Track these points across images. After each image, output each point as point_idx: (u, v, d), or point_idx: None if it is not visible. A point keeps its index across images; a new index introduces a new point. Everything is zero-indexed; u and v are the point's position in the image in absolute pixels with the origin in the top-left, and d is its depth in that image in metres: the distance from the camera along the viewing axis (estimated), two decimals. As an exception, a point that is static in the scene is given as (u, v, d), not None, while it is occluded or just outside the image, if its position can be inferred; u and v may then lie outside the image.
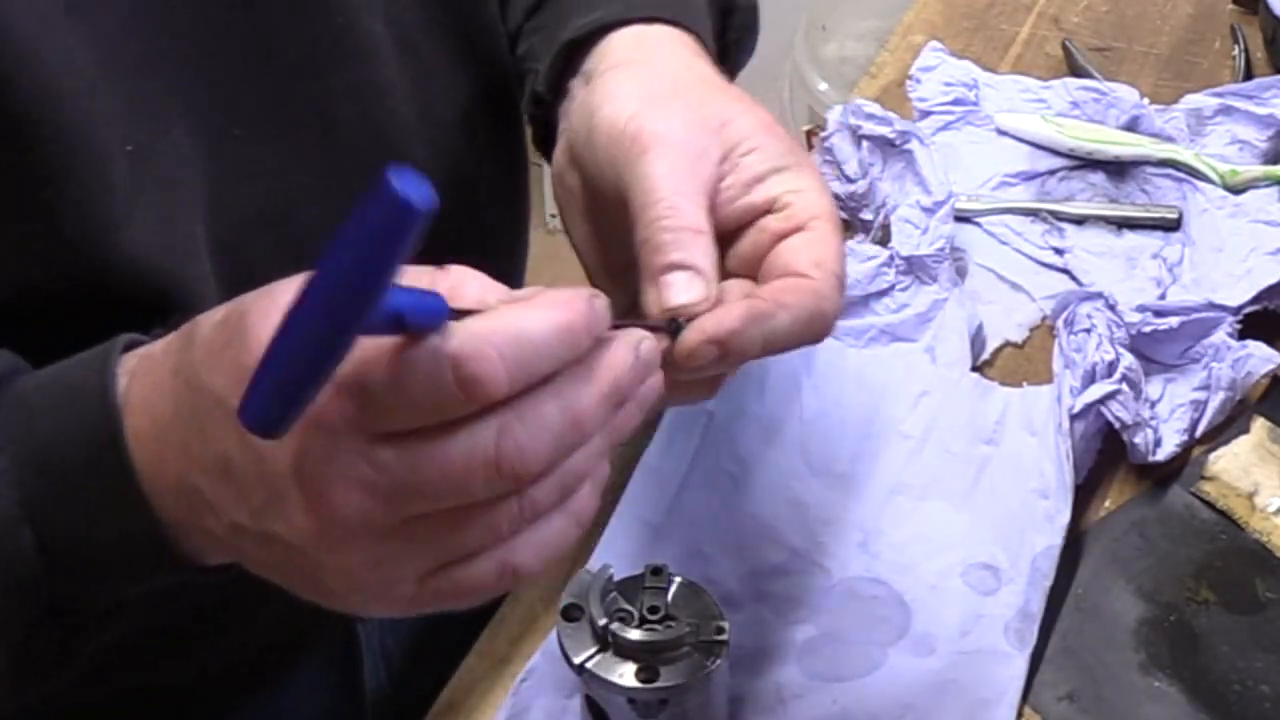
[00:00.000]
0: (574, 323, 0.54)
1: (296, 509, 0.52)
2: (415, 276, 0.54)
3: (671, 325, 0.61)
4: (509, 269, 0.86)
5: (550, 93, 0.75)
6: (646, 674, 0.70)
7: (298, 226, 0.70)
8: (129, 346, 0.59)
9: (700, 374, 0.65)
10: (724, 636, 0.71)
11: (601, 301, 0.55)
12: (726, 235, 0.68)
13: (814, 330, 0.66)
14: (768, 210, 0.68)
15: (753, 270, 0.68)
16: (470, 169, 0.77)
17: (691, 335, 0.63)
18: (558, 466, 0.54)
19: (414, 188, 0.47)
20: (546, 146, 0.77)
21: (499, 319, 0.52)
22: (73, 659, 0.61)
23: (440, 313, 0.52)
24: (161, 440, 0.56)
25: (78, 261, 0.64)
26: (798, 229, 0.67)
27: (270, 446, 0.51)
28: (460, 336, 0.51)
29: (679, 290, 0.64)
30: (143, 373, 0.57)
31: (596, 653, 0.70)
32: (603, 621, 0.70)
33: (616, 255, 0.70)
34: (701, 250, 0.65)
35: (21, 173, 0.61)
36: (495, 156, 0.79)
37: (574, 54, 0.74)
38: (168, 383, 0.56)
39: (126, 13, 0.63)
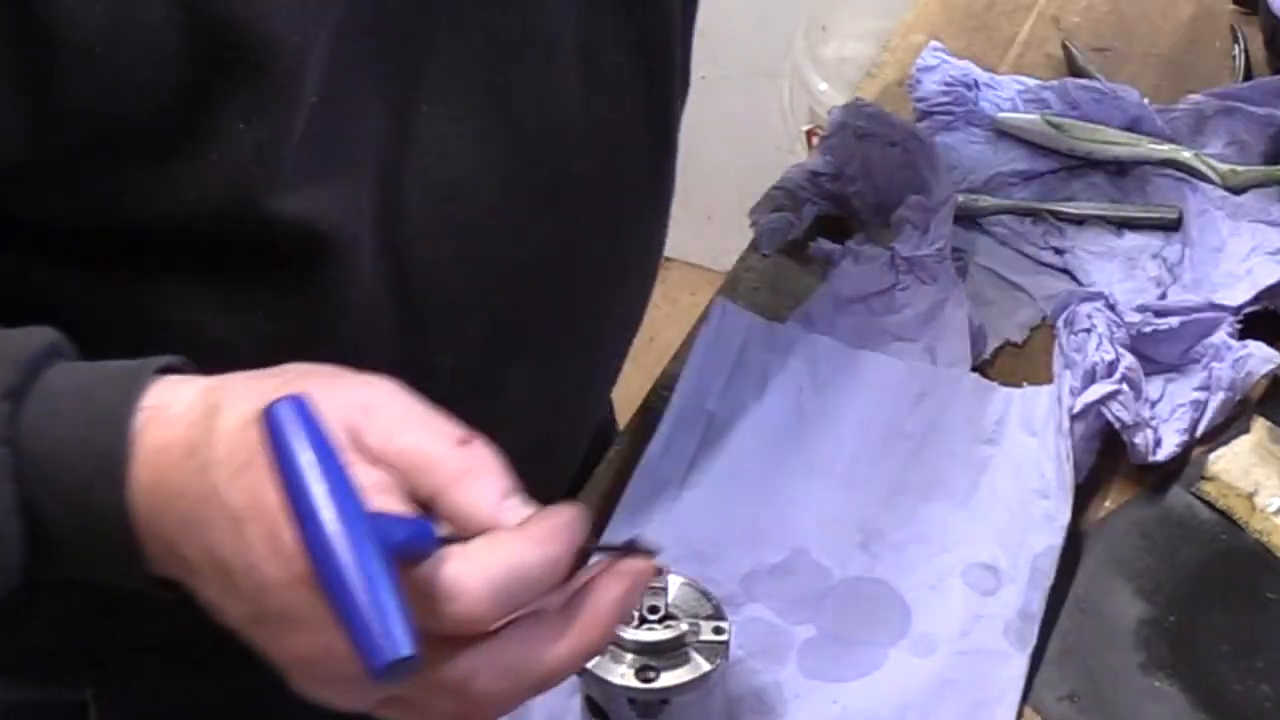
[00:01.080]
0: (562, 557, 0.55)
1: (275, 639, 0.54)
2: (443, 438, 0.55)
3: (636, 548, 0.60)
4: (641, 285, 0.88)
5: None
6: (646, 674, 0.70)
7: (462, 207, 0.72)
8: (162, 370, 0.59)
9: None
10: (724, 636, 0.71)
11: (583, 520, 0.56)
12: None
13: None
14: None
15: None
16: (624, 184, 0.80)
17: None
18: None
19: (283, 405, 0.50)
20: None
21: (498, 552, 0.53)
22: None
23: (429, 540, 0.52)
24: (163, 503, 0.56)
25: (240, 202, 0.64)
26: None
27: (275, 585, 0.53)
28: (458, 568, 0.52)
29: None
30: (159, 424, 0.57)
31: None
32: (603, 621, 0.70)
33: None
34: None
35: (226, 102, 0.62)
36: (649, 174, 0.82)
37: None
38: (179, 458, 0.56)
39: None
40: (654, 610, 0.71)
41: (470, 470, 0.55)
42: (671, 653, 0.70)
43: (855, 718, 0.79)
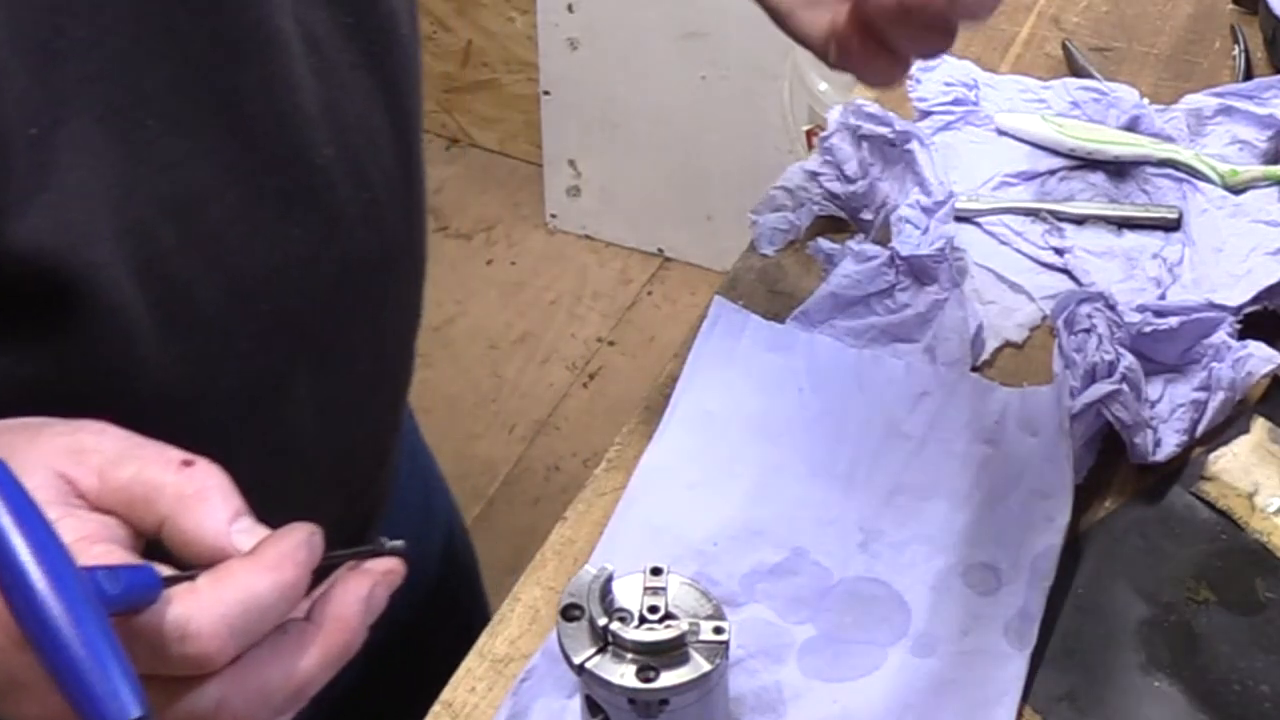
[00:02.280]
0: (299, 580, 0.54)
1: (8, 706, 0.53)
2: (163, 465, 0.54)
3: (380, 549, 0.60)
4: (409, 272, 0.85)
5: None
6: (646, 674, 0.70)
7: (206, 217, 0.70)
8: None
9: None
10: (724, 636, 0.71)
11: (319, 538, 0.55)
12: None
13: None
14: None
15: None
16: (371, 169, 0.78)
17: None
18: None
19: None
20: None
21: (228, 586, 0.52)
22: None
23: (152, 584, 0.51)
24: None
25: None
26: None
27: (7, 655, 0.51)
28: (186, 609, 0.51)
29: None
30: None
31: (596, 653, 0.71)
32: (602, 621, 0.70)
33: None
34: None
35: None
36: (395, 157, 0.79)
37: None
38: None
39: None
40: (654, 610, 0.71)
41: (195, 494, 0.54)
42: (671, 653, 0.70)
43: (855, 718, 0.79)
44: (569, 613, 0.71)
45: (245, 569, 0.53)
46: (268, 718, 0.54)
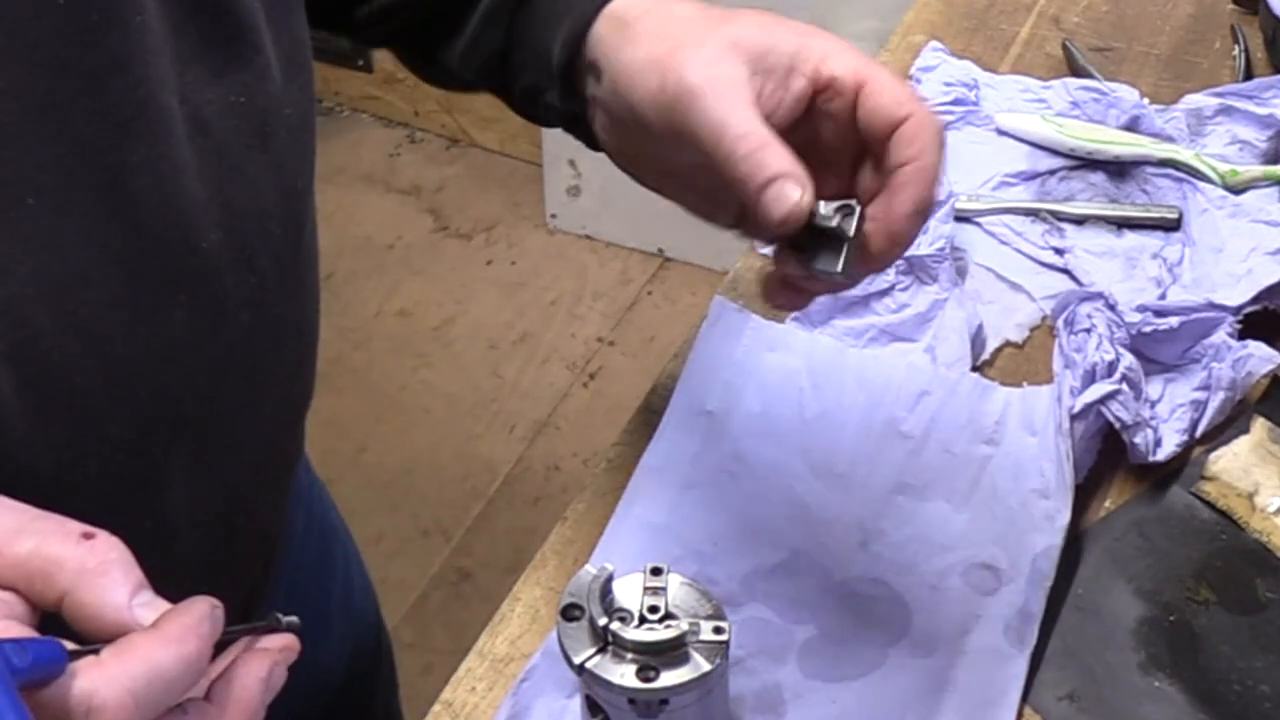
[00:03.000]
0: (202, 652, 0.54)
1: None
2: (62, 538, 0.54)
3: (277, 624, 0.60)
4: (297, 356, 0.83)
5: (565, 71, 0.80)
6: (646, 674, 0.70)
7: (85, 302, 0.67)
8: None
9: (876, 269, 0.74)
10: (724, 636, 0.71)
11: (220, 611, 0.55)
12: (793, 131, 0.74)
13: (937, 165, 0.73)
14: (816, 92, 0.74)
15: (837, 153, 0.75)
16: (259, 254, 0.75)
17: (877, 239, 0.72)
18: None
19: None
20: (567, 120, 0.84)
21: (132, 659, 0.52)
22: None
23: (58, 658, 0.51)
24: None
25: None
26: (855, 91, 0.73)
27: None
28: (92, 682, 0.51)
29: (784, 198, 0.70)
30: None
31: (596, 653, 0.70)
32: (602, 621, 0.70)
33: (703, 183, 0.75)
34: (779, 156, 0.71)
35: None
36: (285, 239, 0.77)
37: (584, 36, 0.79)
38: None
39: None
40: (654, 610, 0.71)
41: (96, 567, 0.54)
42: (671, 653, 0.70)
43: (855, 718, 0.79)
44: (569, 613, 0.71)
45: (149, 642, 0.53)
46: None
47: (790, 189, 0.70)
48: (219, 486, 0.77)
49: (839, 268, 0.72)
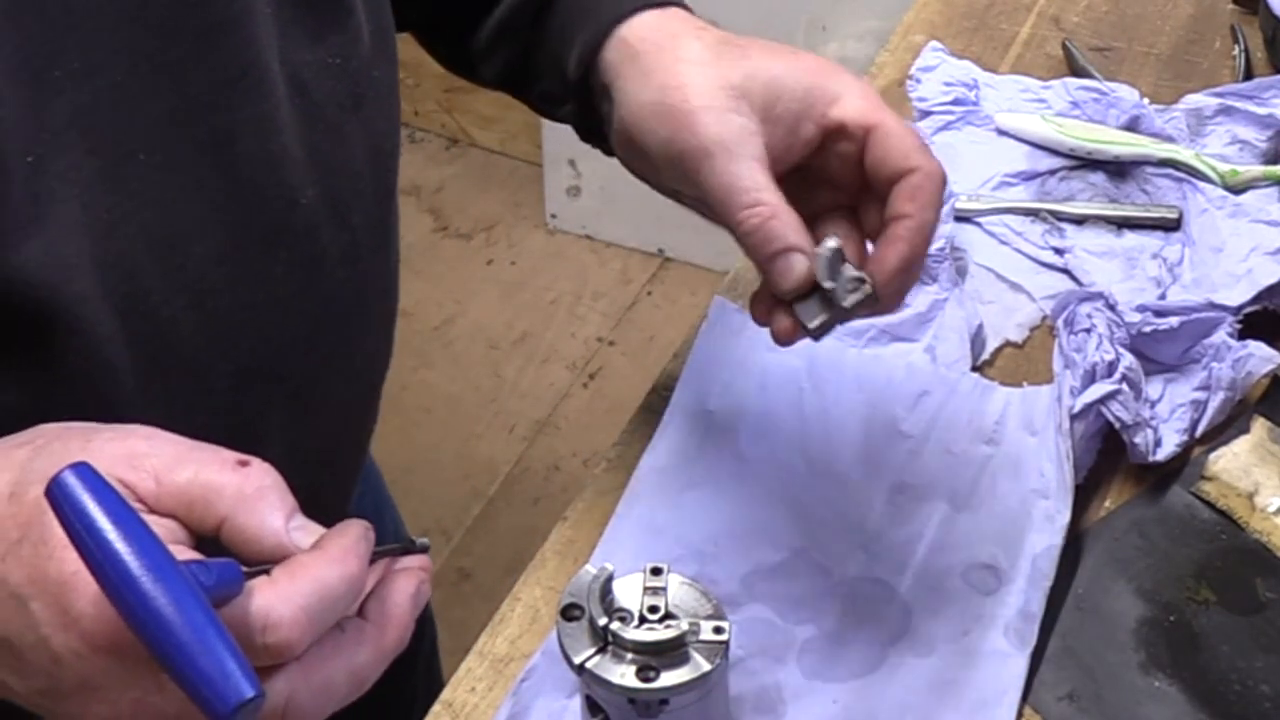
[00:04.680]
0: (362, 571, 0.56)
1: (74, 709, 0.54)
2: (219, 466, 0.56)
3: (411, 545, 0.63)
4: (383, 316, 0.86)
5: (579, 83, 0.80)
6: (646, 674, 0.70)
7: (190, 256, 0.70)
8: None
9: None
10: (724, 636, 0.71)
11: (372, 533, 0.58)
12: (801, 172, 0.75)
13: (933, 223, 0.74)
14: (827, 135, 0.75)
15: (844, 180, 0.76)
16: (352, 211, 0.78)
17: (884, 288, 0.72)
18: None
19: (68, 475, 0.51)
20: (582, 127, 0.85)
21: (303, 578, 0.55)
22: None
23: (236, 578, 0.54)
24: None
25: None
26: (864, 136, 0.74)
27: (71, 656, 0.53)
28: (269, 599, 0.54)
29: (791, 272, 0.72)
30: None
31: (596, 653, 0.71)
32: (602, 621, 0.70)
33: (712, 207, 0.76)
34: (787, 227, 0.72)
35: None
36: (374, 199, 0.80)
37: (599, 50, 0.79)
38: None
39: (33, 28, 0.62)
40: (654, 610, 0.71)
41: (254, 493, 0.56)
42: (671, 653, 0.70)
43: (855, 718, 0.79)
44: (569, 613, 0.71)
45: (316, 561, 0.55)
46: (324, 713, 0.56)
47: (798, 263, 0.72)
48: (309, 449, 0.80)
49: (814, 325, 0.73)
